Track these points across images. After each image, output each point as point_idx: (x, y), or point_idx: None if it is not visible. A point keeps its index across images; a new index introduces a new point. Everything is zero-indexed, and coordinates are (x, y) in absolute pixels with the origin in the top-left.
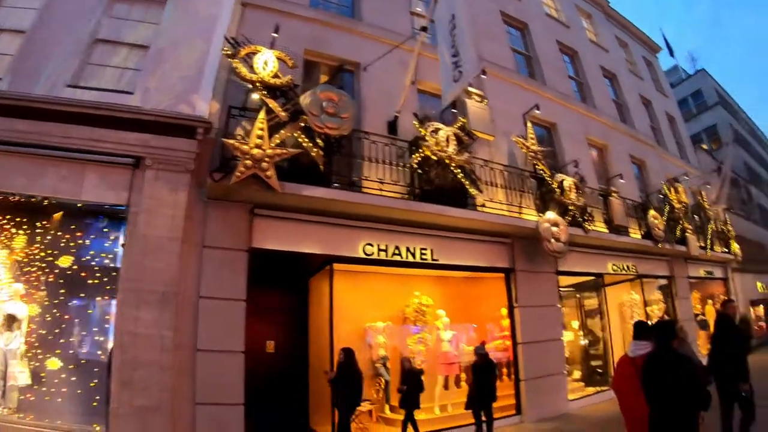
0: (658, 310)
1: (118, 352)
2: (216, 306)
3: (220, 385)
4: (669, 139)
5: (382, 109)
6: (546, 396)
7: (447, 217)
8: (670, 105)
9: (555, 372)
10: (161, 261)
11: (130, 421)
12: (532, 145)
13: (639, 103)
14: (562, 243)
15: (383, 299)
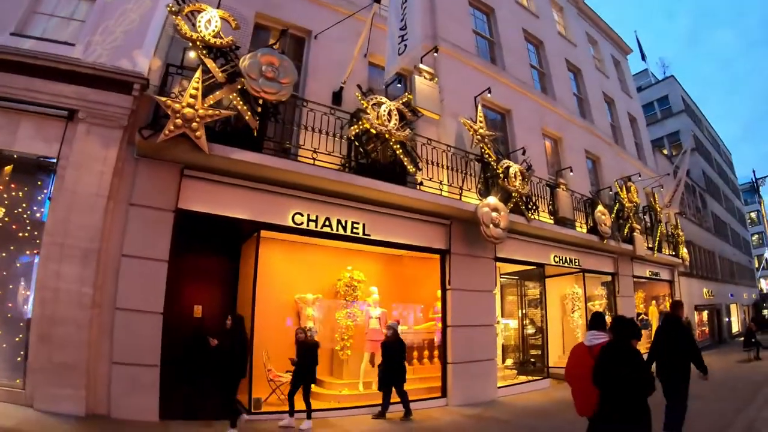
0: (599, 306)
1: (38, 307)
2: (138, 265)
3: (137, 345)
4: (628, 139)
5: (329, 79)
6: (474, 381)
7: (380, 192)
8: (633, 106)
9: (485, 358)
10: (86, 217)
11: (47, 376)
12: (480, 129)
13: (601, 100)
14: (500, 229)
15: (316, 271)
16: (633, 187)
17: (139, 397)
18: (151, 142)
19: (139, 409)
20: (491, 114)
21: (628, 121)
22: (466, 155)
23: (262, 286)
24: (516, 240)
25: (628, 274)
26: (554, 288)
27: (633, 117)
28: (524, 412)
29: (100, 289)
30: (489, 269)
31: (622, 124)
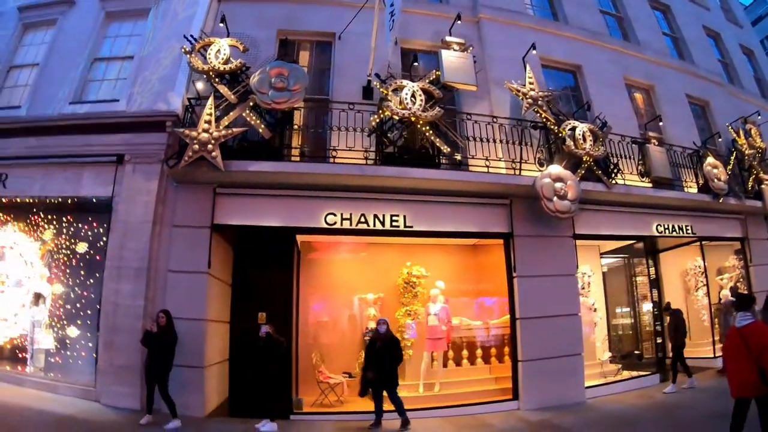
0: (728, 280)
1: (103, 319)
2: (182, 279)
3: (187, 348)
4: (746, 75)
5: (357, 76)
6: (553, 381)
7: (414, 180)
8: (747, 37)
9: (567, 353)
10: (136, 241)
11: (110, 377)
12: (531, 91)
13: (702, 36)
14: (568, 201)
15: (379, 270)
16: (754, 130)
17: (187, 396)
18: (178, 170)
19: (188, 405)
20: (557, 74)
21: (742, 55)
22: (519, 124)
23: (320, 289)
24: (599, 211)
25: (763, 237)
26: (672, 263)
27: (749, 49)
28: (607, 419)
29: (151, 302)
30: (566, 250)
31: (735, 60)
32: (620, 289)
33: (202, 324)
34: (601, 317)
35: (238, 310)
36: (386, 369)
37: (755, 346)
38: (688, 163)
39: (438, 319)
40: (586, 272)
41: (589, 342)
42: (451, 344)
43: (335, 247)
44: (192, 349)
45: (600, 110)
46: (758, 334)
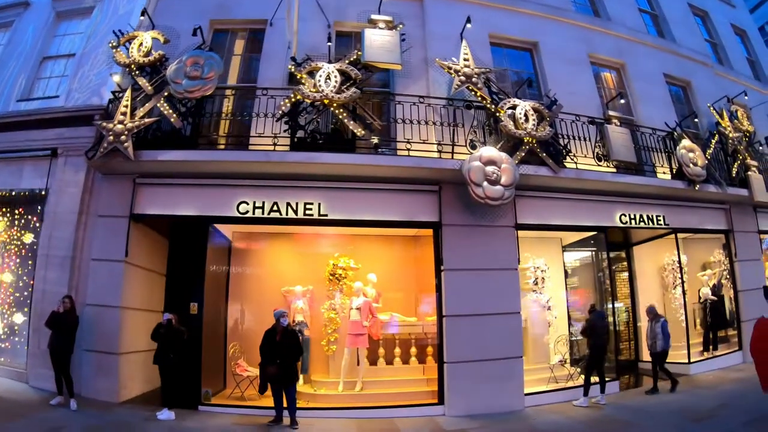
0: (711, 277)
1: (34, 305)
2: (102, 267)
3: (103, 335)
4: (737, 56)
5: (285, 61)
6: (484, 386)
7: (324, 165)
8: (739, 16)
9: (503, 356)
10: (63, 230)
11: (38, 359)
12: (465, 68)
13: (687, 13)
14: (501, 186)
15: (311, 262)
16: (741, 111)
17: (100, 381)
18: (96, 161)
19: (101, 390)
20: (513, 52)
21: (733, 35)
22: (451, 104)
23: (251, 280)
24: (549, 199)
25: (750, 230)
26: (649, 258)
27: (741, 30)
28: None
29: (75, 289)
30: (507, 241)
31: (724, 40)
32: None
33: (118, 311)
34: (556, 316)
35: (171, 300)
36: (284, 363)
37: None
38: (661, 146)
39: (359, 314)
40: (540, 266)
41: (542, 343)
42: (382, 341)
43: (268, 238)
44: (108, 335)
45: (559, 89)
46: None
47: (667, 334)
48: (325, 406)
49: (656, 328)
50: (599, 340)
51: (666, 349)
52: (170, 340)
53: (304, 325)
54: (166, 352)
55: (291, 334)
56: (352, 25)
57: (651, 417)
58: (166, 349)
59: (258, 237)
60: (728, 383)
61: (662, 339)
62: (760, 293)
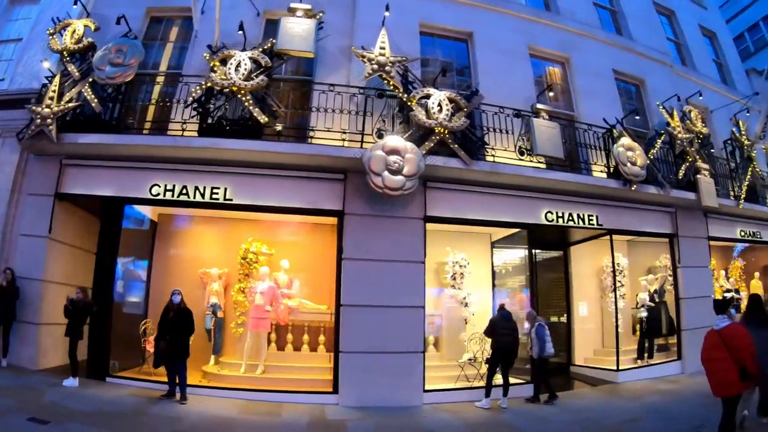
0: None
1: None
2: (29, 242)
3: (26, 305)
4: (703, 57)
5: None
6: (381, 379)
7: (230, 151)
8: (709, 18)
9: (402, 349)
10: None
11: None
12: (380, 56)
13: (649, 11)
14: (403, 176)
15: (230, 245)
16: (695, 112)
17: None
18: (26, 142)
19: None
20: (445, 42)
21: (701, 36)
22: (363, 92)
23: (169, 260)
24: (465, 192)
25: (698, 236)
26: (588, 259)
27: (710, 32)
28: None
29: (6, 262)
30: (413, 233)
31: (690, 40)
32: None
33: (40, 284)
34: (474, 313)
35: (99, 277)
36: (176, 339)
37: (736, 347)
38: (601, 144)
39: (263, 298)
40: (459, 261)
41: (457, 340)
42: (291, 327)
43: (191, 221)
44: (30, 306)
45: (491, 80)
46: (737, 335)
47: (543, 339)
48: (220, 386)
49: (532, 333)
50: (502, 340)
51: (541, 356)
52: (80, 313)
53: (218, 307)
54: (75, 324)
55: (183, 312)
56: (282, 13)
57: (548, 426)
58: (76, 322)
59: (181, 220)
60: (654, 395)
61: (537, 344)
62: (703, 302)
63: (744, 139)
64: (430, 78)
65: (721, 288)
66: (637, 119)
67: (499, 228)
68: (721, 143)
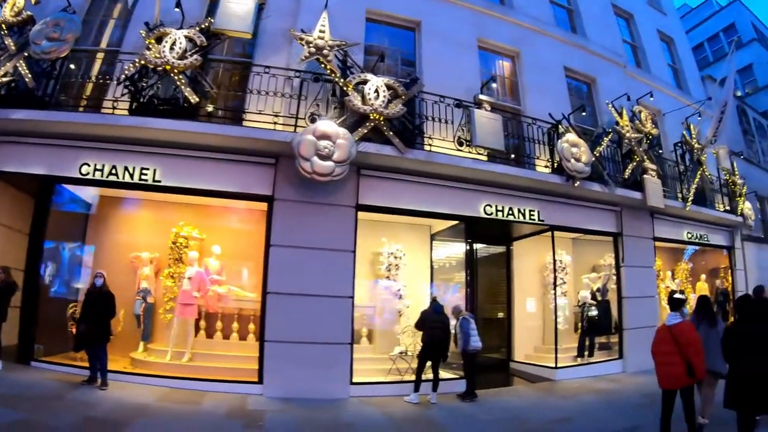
0: (593, 281)
1: None
2: None
3: None
4: (658, 61)
5: None
6: (306, 370)
7: (160, 131)
8: (668, 24)
9: (328, 340)
10: None
11: None
12: (319, 39)
13: (608, 13)
14: (332, 162)
15: (163, 229)
16: (645, 113)
17: None
18: None
19: None
20: (393, 30)
21: (658, 40)
22: (298, 75)
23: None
24: (400, 181)
25: (644, 236)
26: (532, 255)
27: (668, 37)
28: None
29: None
30: (344, 221)
31: (646, 44)
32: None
33: None
34: (408, 305)
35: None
36: (96, 323)
37: (684, 342)
38: (546, 139)
39: (190, 284)
40: (394, 253)
41: (391, 333)
42: (221, 315)
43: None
44: None
45: (436, 70)
46: (687, 332)
47: (467, 333)
48: (145, 373)
49: (457, 327)
50: (432, 334)
51: (466, 349)
52: (1, 294)
53: (148, 293)
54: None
55: (104, 296)
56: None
57: (472, 425)
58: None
59: (115, 202)
60: (590, 393)
61: (461, 338)
62: (646, 301)
63: (694, 143)
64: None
65: (667, 289)
66: (584, 116)
67: (438, 220)
68: (673, 146)
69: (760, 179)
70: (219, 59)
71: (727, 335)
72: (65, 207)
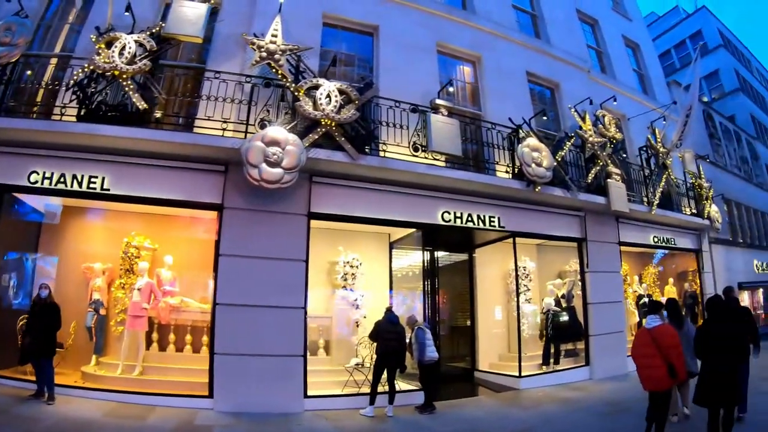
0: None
1: None
2: None
3: None
4: (622, 67)
5: None
6: (259, 383)
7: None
8: (634, 30)
9: (281, 353)
10: None
11: None
12: (271, 44)
13: (572, 18)
14: (281, 168)
15: (110, 238)
16: (609, 117)
17: None
18: None
19: None
20: (350, 35)
21: (623, 46)
22: (249, 80)
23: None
24: (355, 188)
25: (609, 240)
26: (495, 262)
27: (634, 43)
28: None
29: None
30: (296, 230)
31: (611, 50)
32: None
33: None
34: (365, 316)
35: None
36: (42, 336)
37: (665, 345)
38: (506, 144)
39: (140, 295)
40: (350, 262)
41: (348, 344)
42: (173, 327)
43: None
44: None
45: (394, 75)
46: (667, 334)
47: (423, 344)
48: (94, 387)
49: (412, 337)
50: (387, 345)
51: (422, 360)
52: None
53: (100, 304)
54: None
55: (49, 307)
56: None
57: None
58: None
59: (69, 211)
60: (554, 402)
61: (417, 349)
62: (612, 307)
63: (659, 147)
64: (330, 71)
65: (635, 293)
66: (547, 121)
67: (397, 228)
68: (638, 150)
69: (726, 182)
70: (172, 65)
71: (698, 335)
72: (17, 216)
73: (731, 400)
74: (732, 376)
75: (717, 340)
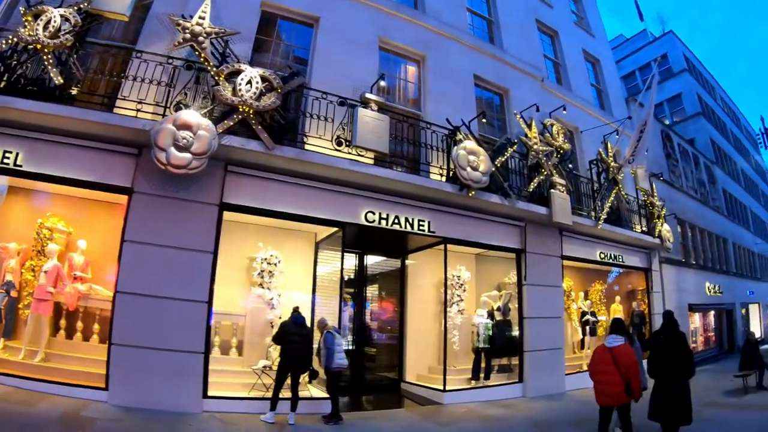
0: (493, 299)
1: None
2: None
3: None
4: (579, 80)
5: None
6: (156, 378)
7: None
8: (595, 46)
9: (180, 348)
10: None
11: None
12: (197, 26)
13: (530, 28)
14: (190, 153)
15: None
16: (557, 127)
17: None
18: None
19: None
20: (290, 25)
21: (583, 60)
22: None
23: None
24: (271, 180)
25: (550, 253)
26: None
27: (594, 58)
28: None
29: None
30: (205, 221)
31: (569, 62)
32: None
33: None
34: (281, 316)
35: None
36: None
37: (625, 364)
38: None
39: (46, 278)
40: (268, 258)
41: (262, 345)
42: (81, 314)
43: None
44: None
45: (330, 68)
46: (626, 354)
47: (331, 350)
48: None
49: (321, 342)
50: (291, 348)
51: (329, 367)
52: None
53: (11, 286)
54: None
55: None
56: None
57: None
58: None
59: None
60: (475, 420)
61: (324, 355)
62: (550, 322)
63: (611, 161)
64: (265, 61)
65: (578, 310)
66: (494, 128)
67: (320, 226)
68: (589, 163)
69: (681, 203)
70: (98, 42)
71: (652, 352)
72: None
73: (686, 416)
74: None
75: (669, 358)
